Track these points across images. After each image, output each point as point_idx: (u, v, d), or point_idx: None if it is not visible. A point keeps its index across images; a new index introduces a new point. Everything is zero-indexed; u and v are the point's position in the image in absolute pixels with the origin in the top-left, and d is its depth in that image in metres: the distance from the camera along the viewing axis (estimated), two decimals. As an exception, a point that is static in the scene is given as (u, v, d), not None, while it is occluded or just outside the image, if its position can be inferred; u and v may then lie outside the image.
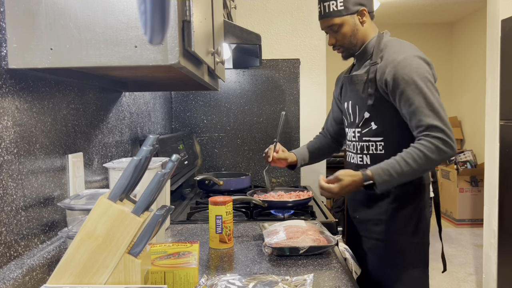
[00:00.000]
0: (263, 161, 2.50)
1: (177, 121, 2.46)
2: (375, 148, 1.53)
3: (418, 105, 1.39)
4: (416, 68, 1.41)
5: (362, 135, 1.55)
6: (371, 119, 1.52)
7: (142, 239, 0.71)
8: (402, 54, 1.44)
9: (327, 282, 1.00)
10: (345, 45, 1.57)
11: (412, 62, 1.42)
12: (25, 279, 0.83)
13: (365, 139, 1.55)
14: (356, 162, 1.59)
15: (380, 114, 1.50)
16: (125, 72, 1.11)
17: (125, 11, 0.78)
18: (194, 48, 0.85)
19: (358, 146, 1.58)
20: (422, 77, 1.40)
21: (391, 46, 1.50)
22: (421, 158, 1.38)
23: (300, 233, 1.24)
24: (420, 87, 1.39)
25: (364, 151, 1.56)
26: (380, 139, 1.51)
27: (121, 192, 0.71)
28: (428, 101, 1.39)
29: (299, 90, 2.49)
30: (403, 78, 1.40)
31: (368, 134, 1.53)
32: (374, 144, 1.53)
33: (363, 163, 1.56)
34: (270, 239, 1.20)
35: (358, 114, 1.56)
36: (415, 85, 1.39)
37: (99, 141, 1.28)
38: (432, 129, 1.38)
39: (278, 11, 2.60)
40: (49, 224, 0.97)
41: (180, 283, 0.88)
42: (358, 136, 1.57)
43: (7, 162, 0.81)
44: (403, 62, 1.42)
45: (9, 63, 0.79)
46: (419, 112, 1.39)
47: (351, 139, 1.62)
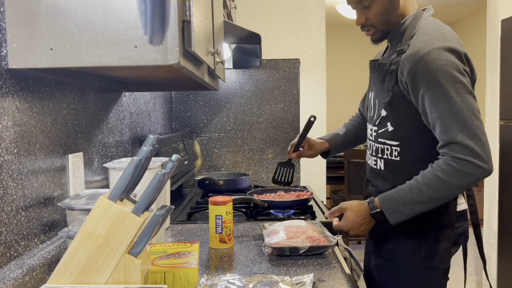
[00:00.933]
0: (263, 161, 2.50)
1: (177, 121, 2.46)
2: (390, 153, 1.30)
3: (440, 113, 1.13)
4: (442, 66, 1.13)
5: (378, 135, 1.33)
6: (388, 118, 1.28)
7: (142, 239, 0.72)
8: (428, 46, 1.15)
9: (327, 282, 1.00)
10: (377, 26, 1.28)
11: (440, 57, 1.13)
12: (25, 279, 0.83)
13: (381, 141, 1.33)
14: (370, 165, 1.40)
15: (398, 115, 1.26)
16: (125, 72, 1.11)
17: (125, 11, 0.78)
18: (194, 48, 0.85)
19: (374, 147, 1.37)
20: (449, 77, 1.12)
21: (424, 31, 1.20)
22: (438, 184, 1.15)
23: (300, 233, 1.24)
24: (444, 90, 1.12)
25: (379, 154, 1.34)
26: (396, 143, 1.28)
27: (121, 192, 0.71)
28: (454, 108, 1.12)
29: (299, 90, 2.49)
30: (425, 78, 1.14)
31: (384, 135, 1.31)
32: (390, 148, 1.30)
33: (377, 167, 1.36)
34: (270, 239, 1.20)
35: (376, 109, 1.33)
36: (439, 87, 1.12)
37: (99, 141, 1.28)
38: (454, 147, 1.13)
39: (278, 11, 2.60)
40: (49, 224, 0.97)
41: (180, 283, 0.88)
42: (374, 136, 1.36)
43: (7, 162, 0.81)
44: (427, 56, 1.13)
45: (9, 63, 0.79)
46: (440, 122, 1.14)
47: (368, 137, 1.42)
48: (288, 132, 2.49)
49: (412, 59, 1.16)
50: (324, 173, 2.64)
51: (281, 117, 2.48)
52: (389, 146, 1.30)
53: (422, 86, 1.15)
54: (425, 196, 1.17)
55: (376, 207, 1.22)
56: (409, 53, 1.18)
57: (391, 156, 1.30)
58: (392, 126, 1.28)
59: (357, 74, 6.46)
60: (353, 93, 6.51)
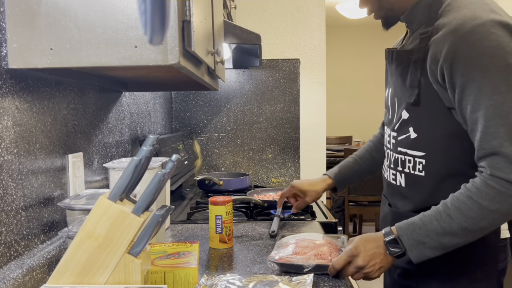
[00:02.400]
0: (263, 161, 2.50)
1: (177, 121, 2.46)
2: (413, 166, 1.03)
3: (484, 113, 0.87)
4: (491, 47, 0.85)
5: (398, 143, 1.07)
6: (410, 122, 1.02)
7: (142, 239, 0.72)
8: (471, 21, 0.86)
9: (327, 282, 1.00)
10: (376, 11, 1.07)
11: (487, 36, 0.85)
12: (25, 279, 0.83)
13: (401, 150, 1.06)
14: (388, 179, 1.13)
15: (424, 118, 0.99)
16: (125, 72, 1.11)
17: (125, 11, 0.78)
18: (194, 48, 0.85)
19: (392, 158, 1.10)
20: (501, 64, 0.85)
21: (459, 4, 0.92)
22: (473, 210, 0.89)
23: (310, 248, 1.09)
24: (493, 82, 0.85)
25: (399, 166, 1.07)
26: (420, 154, 1.01)
27: (121, 192, 0.71)
28: (503, 108, 0.85)
29: (299, 90, 2.49)
30: (467, 65, 0.87)
31: (405, 143, 1.05)
32: (412, 160, 1.03)
33: (396, 183, 1.09)
34: (276, 253, 1.09)
35: (396, 110, 1.07)
36: (485, 78, 0.86)
37: (99, 141, 1.28)
38: (496, 160, 0.86)
39: (278, 11, 2.60)
40: (49, 224, 0.97)
41: (180, 283, 0.88)
42: (393, 143, 1.09)
43: (7, 162, 0.81)
44: (469, 35, 0.86)
45: (9, 63, 0.79)
46: (483, 125, 0.87)
47: (386, 145, 1.15)
48: (288, 132, 2.49)
49: (448, 39, 0.89)
50: (324, 173, 2.64)
51: (281, 117, 2.48)
52: (411, 157, 1.03)
53: (463, 76, 0.88)
54: (456, 225, 0.90)
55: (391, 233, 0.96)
56: (444, 33, 0.91)
57: (414, 170, 1.03)
58: (415, 132, 1.01)
59: (357, 74, 6.46)
60: (353, 93, 6.52)
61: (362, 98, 6.44)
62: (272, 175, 2.50)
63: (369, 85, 6.43)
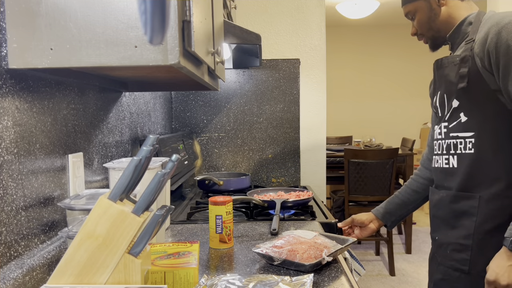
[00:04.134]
0: (263, 161, 2.50)
1: (177, 121, 2.46)
2: (464, 147, 1.20)
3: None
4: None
5: (449, 130, 1.25)
6: (460, 108, 1.21)
7: (142, 239, 0.72)
8: (508, 17, 1.12)
9: (327, 282, 1.00)
10: (425, 33, 1.33)
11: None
12: (25, 279, 0.83)
13: (452, 135, 1.24)
14: (441, 166, 1.29)
15: (473, 101, 1.18)
16: (125, 72, 1.11)
17: (125, 11, 0.78)
18: (194, 48, 0.85)
19: (444, 145, 1.27)
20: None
21: (494, 15, 1.18)
22: None
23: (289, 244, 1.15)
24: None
25: (451, 150, 1.24)
26: (470, 134, 1.19)
27: (121, 192, 0.71)
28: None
29: (299, 90, 2.49)
30: (508, 47, 1.09)
31: (456, 128, 1.23)
32: (463, 141, 1.21)
33: (449, 166, 1.25)
34: (262, 245, 1.16)
35: (446, 104, 1.26)
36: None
37: (99, 141, 1.28)
38: None
39: (278, 11, 2.60)
40: (49, 224, 0.97)
41: (180, 283, 0.88)
42: (444, 132, 1.27)
43: (7, 162, 0.81)
44: (509, 25, 1.10)
45: (9, 63, 0.79)
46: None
47: (437, 137, 1.32)
48: (288, 132, 2.49)
49: (491, 30, 1.12)
50: (324, 173, 2.64)
51: (281, 117, 2.49)
52: (462, 139, 1.21)
53: (505, 56, 1.09)
54: None
55: None
56: (486, 29, 1.15)
57: (465, 150, 1.20)
58: (466, 116, 1.20)
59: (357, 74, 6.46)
60: (353, 93, 6.52)
61: (362, 98, 6.44)
62: (272, 175, 2.50)
63: (369, 85, 6.43)
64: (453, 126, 1.23)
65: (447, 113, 1.25)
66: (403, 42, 6.26)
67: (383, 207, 1.55)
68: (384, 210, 1.54)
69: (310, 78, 2.64)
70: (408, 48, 6.30)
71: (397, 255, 3.86)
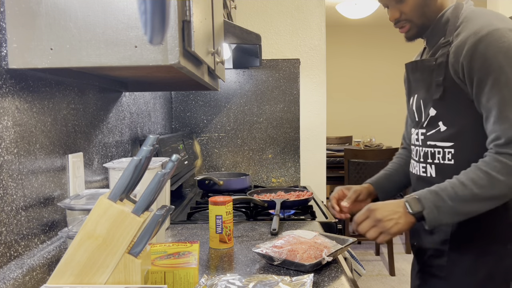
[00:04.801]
0: (263, 161, 2.50)
1: (177, 121, 2.46)
2: (442, 157, 1.15)
3: (497, 101, 1.01)
4: (505, 47, 1.00)
5: (427, 138, 1.19)
6: (439, 117, 1.15)
7: (142, 239, 0.71)
8: (488, 27, 1.03)
9: (327, 282, 1.00)
10: (414, 20, 1.17)
11: (502, 38, 1.01)
12: (25, 279, 0.83)
13: (430, 144, 1.18)
14: (417, 173, 1.24)
15: (451, 112, 1.12)
16: (125, 72, 1.11)
17: (125, 11, 0.78)
18: (194, 48, 0.85)
19: (421, 152, 1.22)
20: None
21: (475, 16, 1.09)
22: (483, 178, 1.02)
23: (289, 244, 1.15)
24: (506, 76, 1.00)
25: (429, 159, 1.19)
26: (449, 144, 1.13)
27: (121, 192, 0.71)
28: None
29: (299, 90, 2.49)
30: (485, 61, 1.02)
31: (434, 137, 1.17)
32: (442, 151, 1.15)
33: (426, 175, 1.20)
34: (263, 245, 1.16)
35: (423, 111, 1.20)
36: (500, 72, 1.00)
37: (99, 141, 1.28)
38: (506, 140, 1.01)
39: (278, 11, 2.60)
40: (49, 224, 0.97)
41: (180, 283, 0.88)
42: (422, 140, 1.21)
43: (7, 162, 0.81)
44: (487, 38, 1.01)
45: (9, 63, 0.79)
46: (496, 112, 1.01)
47: (414, 143, 1.27)
48: (288, 132, 2.49)
49: (468, 41, 1.04)
50: (324, 173, 2.64)
51: (281, 117, 2.48)
52: (440, 148, 1.15)
53: (480, 70, 1.02)
54: (468, 191, 1.02)
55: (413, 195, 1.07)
56: (464, 37, 1.06)
57: (444, 160, 1.15)
58: (444, 125, 1.14)
59: (357, 74, 6.46)
60: (353, 93, 6.52)
61: (362, 98, 6.44)
62: (272, 175, 2.50)
63: (369, 85, 6.43)
64: (431, 134, 1.18)
65: (425, 120, 1.19)
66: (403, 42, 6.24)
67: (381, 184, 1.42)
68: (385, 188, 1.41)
69: (310, 78, 2.64)
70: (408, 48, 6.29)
71: (397, 255, 3.86)
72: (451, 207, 1.03)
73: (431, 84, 1.15)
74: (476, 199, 1.02)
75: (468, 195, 1.02)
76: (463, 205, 1.03)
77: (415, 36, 1.21)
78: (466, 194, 1.02)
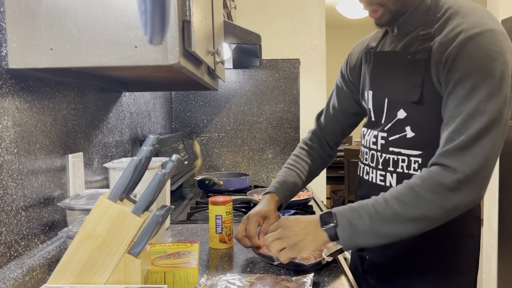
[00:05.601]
0: (263, 161, 2.50)
1: (177, 121, 2.46)
2: (407, 166, 1.01)
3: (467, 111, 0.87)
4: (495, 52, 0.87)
5: (389, 144, 1.05)
6: (407, 122, 1.01)
7: (142, 239, 0.72)
8: (482, 26, 0.89)
9: (327, 282, 1.00)
10: (389, 4, 1.00)
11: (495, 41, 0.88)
12: (25, 279, 0.83)
13: (393, 150, 1.04)
14: (373, 181, 1.10)
15: (425, 117, 0.98)
16: (125, 72, 1.11)
17: (125, 11, 0.78)
18: (194, 48, 0.85)
19: (381, 159, 1.07)
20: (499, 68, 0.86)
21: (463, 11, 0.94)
22: (407, 195, 0.88)
23: None
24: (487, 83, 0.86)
25: (389, 167, 1.05)
26: (417, 153, 1.00)
27: (121, 192, 0.71)
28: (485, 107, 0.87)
29: (299, 90, 2.49)
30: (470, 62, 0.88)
31: (399, 143, 1.03)
32: (406, 159, 1.01)
33: (384, 184, 1.06)
34: None
35: (386, 111, 1.06)
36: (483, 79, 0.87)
37: (99, 141, 1.28)
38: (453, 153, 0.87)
39: (278, 11, 2.60)
40: (49, 224, 0.97)
41: (180, 283, 0.88)
42: (382, 144, 1.07)
43: (7, 162, 0.81)
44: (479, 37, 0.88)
45: (9, 63, 0.79)
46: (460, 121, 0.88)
47: (368, 145, 1.12)
48: (288, 132, 2.49)
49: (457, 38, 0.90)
50: (324, 173, 2.64)
51: (281, 117, 2.49)
52: (405, 156, 1.01)
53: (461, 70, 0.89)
54: (389, 209, 0.88)
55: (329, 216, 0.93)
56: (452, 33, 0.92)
57: (408, 169, 1.01)
58: (412, 131, 1.00)
59: (357, 74, 6.46)
60: (353, 93, 6.52)
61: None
62: (272, 175, 2.50)
63: (369, 85, 6.42)
64: (394, 139, 1.03)
65: (387, 122, 1.05)
66: (403, 42, 6.23)
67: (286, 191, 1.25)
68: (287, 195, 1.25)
69: (310, 78, 2.64)
70: (408, 48, 6.28)
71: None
72: (369, 226, 0.89)
73: (405, 83, 1.00)
74: (397, 220, 0.88)
75: (389, 214, 0.88)
76: (383, 226, 0.88)
77: (387, 22, 1.04)
78: (387, 213, 0.88)
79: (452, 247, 1.02)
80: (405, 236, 0.89)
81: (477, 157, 0.86)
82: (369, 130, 1.13)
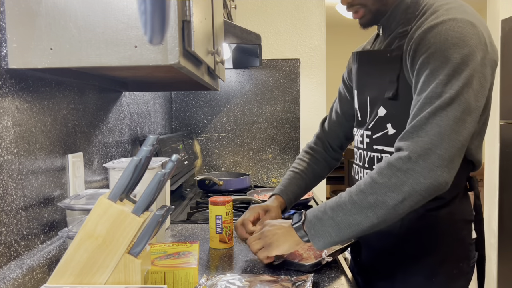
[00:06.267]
0: (263, 161, 2.50)
1: (177, 121, 2.46)
2: None
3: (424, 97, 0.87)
4: (455, 37, 0.86)
5: (373, 142, 1.05)
6: (388, 119, 1.01)
7: (142, 239, 0.71)
8: (444, 16, 0.90)
9: (327, 283, 1.00)
10: (369, 4, 1.01)
11: (455, 28, 0.87)
12: (25, 279, 0.83)
13: (377, 148, 1.04)
14: None
15: (403, 114, 0.96)
16: (125, 72, 1.11)
17: (125, 11, 0.78)
18: (194, 48, 0.85)
19: (367, 157, 1.08)
20: (458, 53, 0.86)
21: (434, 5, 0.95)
22: (366, 183, 0.88)
23: None
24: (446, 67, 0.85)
25: (375, 165, 1.05)
26: None
27: (121, 192, 0.71)
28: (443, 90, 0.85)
29: (299, 90, 2.49)
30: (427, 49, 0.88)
31: (382, 141, 1.03)
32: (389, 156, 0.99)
33: None
34: None
35: (369, 109, 1.07)
36: (440, 62, 0.86)
37: (99, 141, 1.28)
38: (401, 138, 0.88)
39: (278, 11, 2.60)
40: (49, 224, 0.97)
41: (180, 283, 0.88)
42: (367, 143, 1.08)
43: (7, 162, 0.81)
44: (440, 26, 0.88)
45: (9, 63, 0.79)
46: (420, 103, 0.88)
47: (357, 145, 1.14)
48: (288, 132, 2.49)
49: (420, 30, 0.92)
50: (324, 173, 2.64)
51: (281, 117, 2.49)
52: (389, 154, 0.98)
53: (422, 59, 0.89)
54: (348, 199, 0.88)
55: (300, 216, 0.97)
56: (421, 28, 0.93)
57: None
58: (393, 128, 1.00)
59: (357, 74, 6.46)
60: (353, 93, 6.52)
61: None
62: (272, 175, 2.50)
63: (369, 85, 6.42)
64: (378, 137, 1.03)
65: (371, 120, 1.05)
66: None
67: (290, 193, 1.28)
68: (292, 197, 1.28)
69: (310, 78, 2.64)
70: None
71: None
72: (331, 218, 0.89)
73: (383, 80, 1.00)
74: (356, 208, 0.86)
75: (348, 203, 0.87)
76: (344, 216, 0.87)
77: (370, 22, 1.04)
78: (346, 202, 0.88)
79: (439, 252, 1.01)
80: (368, 226, 0.87)
81: (428, 134, 0.84)
82: (357, 130, 1.15)
